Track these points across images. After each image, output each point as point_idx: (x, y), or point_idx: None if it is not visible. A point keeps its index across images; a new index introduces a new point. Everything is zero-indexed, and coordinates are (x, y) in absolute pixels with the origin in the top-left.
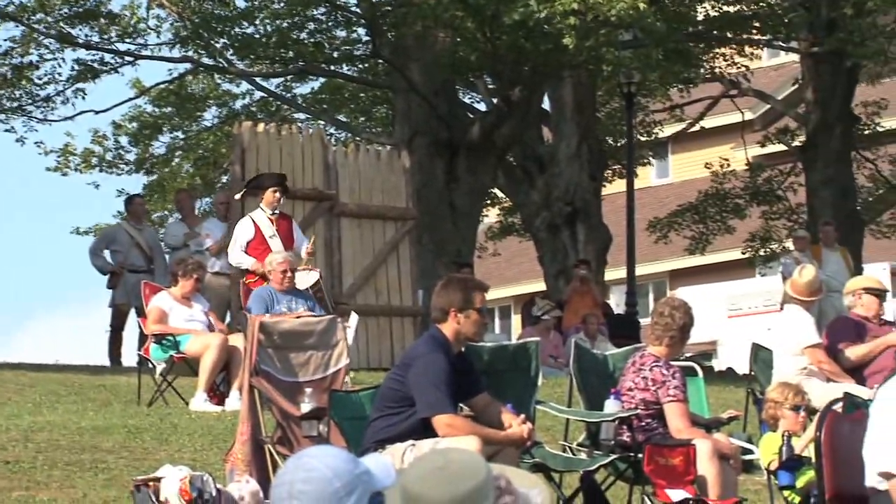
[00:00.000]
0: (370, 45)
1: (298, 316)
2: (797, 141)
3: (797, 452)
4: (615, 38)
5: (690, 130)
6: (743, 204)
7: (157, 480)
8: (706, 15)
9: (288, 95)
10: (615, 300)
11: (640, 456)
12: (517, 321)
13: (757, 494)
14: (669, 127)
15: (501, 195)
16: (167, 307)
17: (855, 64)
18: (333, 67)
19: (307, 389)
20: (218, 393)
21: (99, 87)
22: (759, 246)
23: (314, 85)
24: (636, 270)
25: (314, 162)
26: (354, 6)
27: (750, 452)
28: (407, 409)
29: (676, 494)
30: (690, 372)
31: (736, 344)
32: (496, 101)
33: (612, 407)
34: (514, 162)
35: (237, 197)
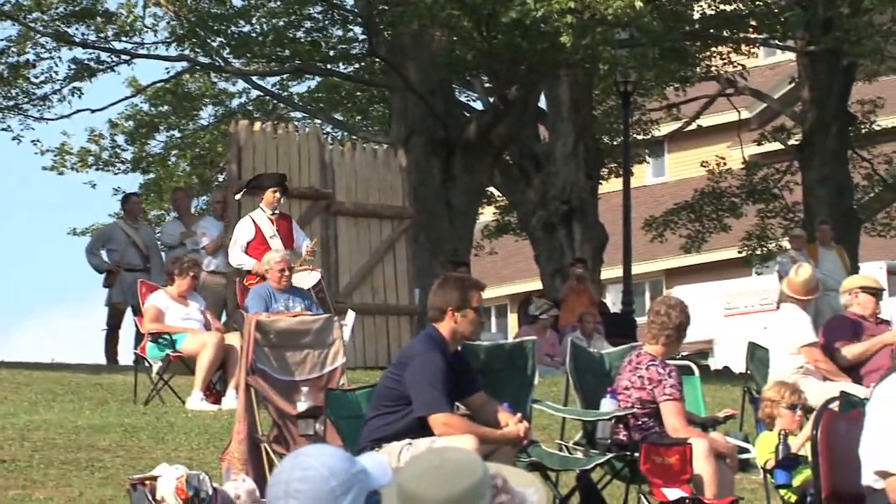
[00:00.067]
0: (367, 43)
1: (295, 315)
2: (793, 139)
3: (794, 451)
4: (612, 36)
5: (687, 129)
6: (739, 203)
7: (153, 479)
8: (702, 14)
9: (284, 94)
10: (611, 299)
11: (636, 455)
12: (514, 320)
13: (753, 493)
14: (666, 126)
15: (498, 194)
16: (164, 306)
17: (851, 63)
18: (330, 66)
19: (304, 388)
20: (214, 392)
21: (95, 85)
22: (755, 245)
23: (310, 84)
24: (632, 269)
25: (310, 161)
26: (351, 5)
27: (746, 451)
28: (403, 407)
29: (673, 493)
30: (687, 371)
31: (732, 343)
32: (493, 99)
33: (608, 406)
34: (510, 161)
35: (237, 197)
